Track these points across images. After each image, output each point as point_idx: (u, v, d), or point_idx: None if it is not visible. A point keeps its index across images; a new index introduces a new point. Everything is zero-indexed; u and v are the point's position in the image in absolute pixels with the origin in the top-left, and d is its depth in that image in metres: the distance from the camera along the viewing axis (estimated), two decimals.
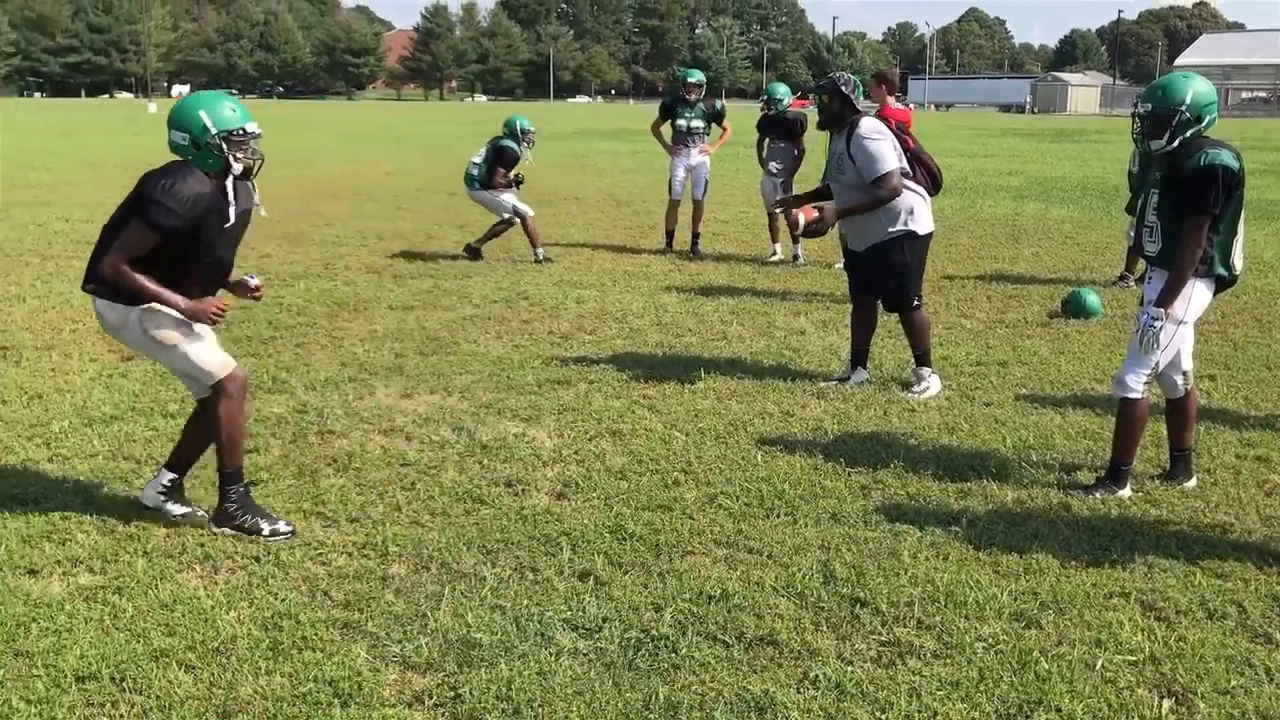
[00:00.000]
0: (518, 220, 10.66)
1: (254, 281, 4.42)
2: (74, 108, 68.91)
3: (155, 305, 4.03)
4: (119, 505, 4.45)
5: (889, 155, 5.97)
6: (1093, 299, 8.43)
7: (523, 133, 10.75)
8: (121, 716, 3.02)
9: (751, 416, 5.77)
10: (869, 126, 6.06)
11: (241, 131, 4.07)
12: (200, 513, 4.39)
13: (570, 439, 5.40)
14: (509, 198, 10.66)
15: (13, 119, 45.85)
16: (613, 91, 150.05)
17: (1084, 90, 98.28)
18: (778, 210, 9.44)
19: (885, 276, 6.23)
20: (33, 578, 3.82)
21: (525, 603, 3.68)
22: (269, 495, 4.59)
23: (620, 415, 5.74)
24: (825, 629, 3.55)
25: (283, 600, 3.66)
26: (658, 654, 3.36)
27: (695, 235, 11.32)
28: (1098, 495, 4.67)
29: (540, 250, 10.72)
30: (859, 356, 6.52)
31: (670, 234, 11.45)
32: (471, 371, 6.60)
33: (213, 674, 3.21)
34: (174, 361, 4.26)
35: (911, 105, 62.50)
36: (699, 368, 6.63)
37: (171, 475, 4.36)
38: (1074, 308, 8.38)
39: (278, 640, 3.40)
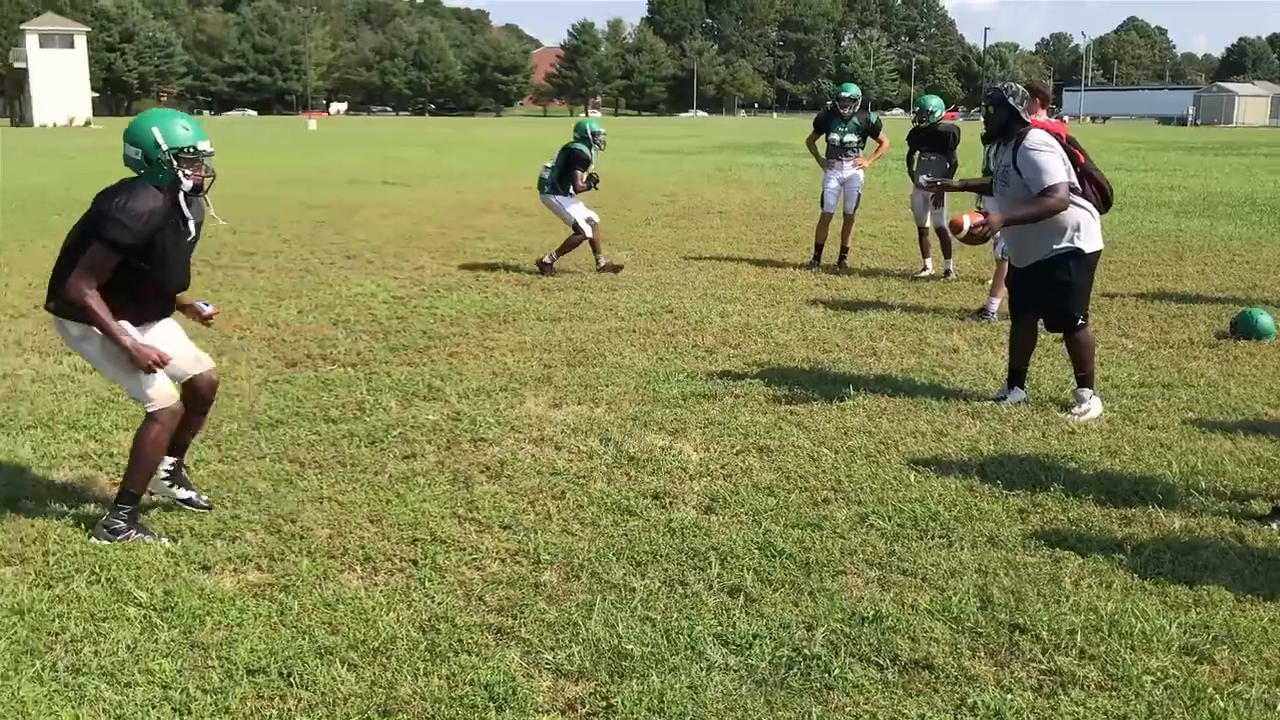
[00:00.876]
0: (588, 233, 10.76)
1: (207, 310, 4.57)
2: (239, 124, 72.31)
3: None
4: (285, 507, 4.62)
5: (1057, 168, 5.79)
6: (1265, 320, 8.02)
7: (593, 135, 10.95)
8: (289, 710, 3.13)
9: (903, 435, 5.66)
10: (1037, 138, 5.89)
11: (192, 149, 4.15)
12: (203, 500, 4.58)
13: (716, 453, 5.39)
14: (577, 209, 10.79)
15: None
16: (756, 105, 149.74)
17: (1253, 101, 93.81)
18: (931, 194, 9.28)
19: (1049, 294, 6.03)
20: (206, 573, 4.00)
21: (675, 616, 3.68)
22: (425, 500, 4.71)
23: (767, 431, 5.71)
24: (983, 655, 3.45)
25: (439, 603, 3.75)
26: (810, 674, 3.32)
27: (844, 249, 11.20)
28: (1274, 526, 4.43)
29: (603, 257, 10.88)
30: (1016, 376, 6.34)
31: (819, 248, 11.35)
32: (618, 383, 6.65)
33: (374, 673, 3.31)
34: (120, 380, 4.37)
35: (1065, 118, 60.58)
36: (847, 384, 6.55)
37: (171, 459, 4.51)
38: (1245, 328, 7.98)
39: (435, 642, 3.48)
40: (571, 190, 10.81)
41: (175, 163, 4.12)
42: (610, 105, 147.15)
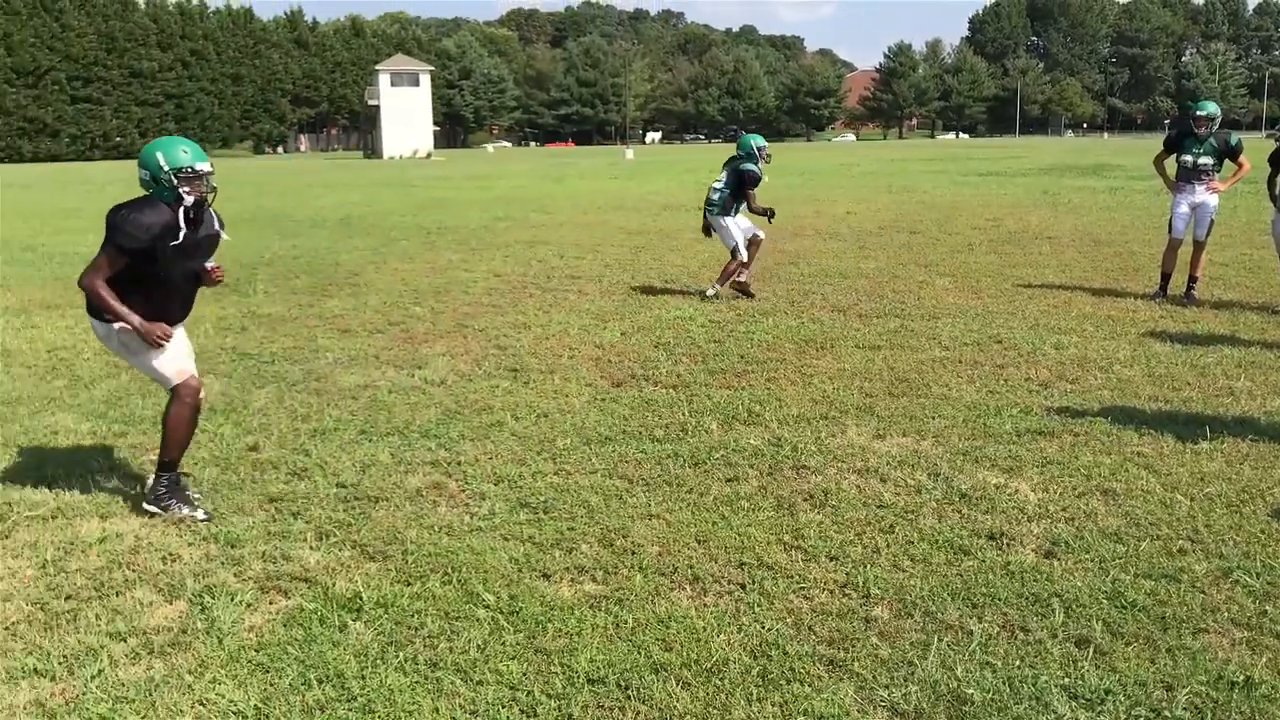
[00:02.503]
0: (744, 257, 10.71)
1: (210, 264, 5.14)
2: (563, 154, 76.15)
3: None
4: (617, 521, 4.77)
5: None
6: None
7: (759, 149, 10.72)
8: None
9: (1270, 484, 5.14)
10: None
11: (190, 170, 4.73)
12: (201, 513, 4.92)
13: (1056, 494, 5.09)
14: (739, 232, 10.68)
15: (513, 165, 51.51)
16: (1084, 126, 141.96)
17: None
18: None
19: None
20: (546, 581, 4.19)
21: (1017, 663, 3.49)
22: (750, 525, 4.72)
23: (1112, 472, 5.34)
24: None
25: (769, 630, 3.74)
26: None
27: (1192, 279, 10.35)
28: None
29: (716, 288, 10.83)
30: None
31: (1166, 277, 10.54)
32: (944, 416, 6.43)
33: (707, 694, 3.34)
34: (140, 365, 5.05)
35: None
36: (1201, 425, 6.02)
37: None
38: None
39: (766, 669, 3.47)
40: (745, 208, 10.74)
41: (176, 181, 4.73)
42: (926, 127, 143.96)
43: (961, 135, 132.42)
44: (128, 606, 4.01)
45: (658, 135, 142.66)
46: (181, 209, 4.80)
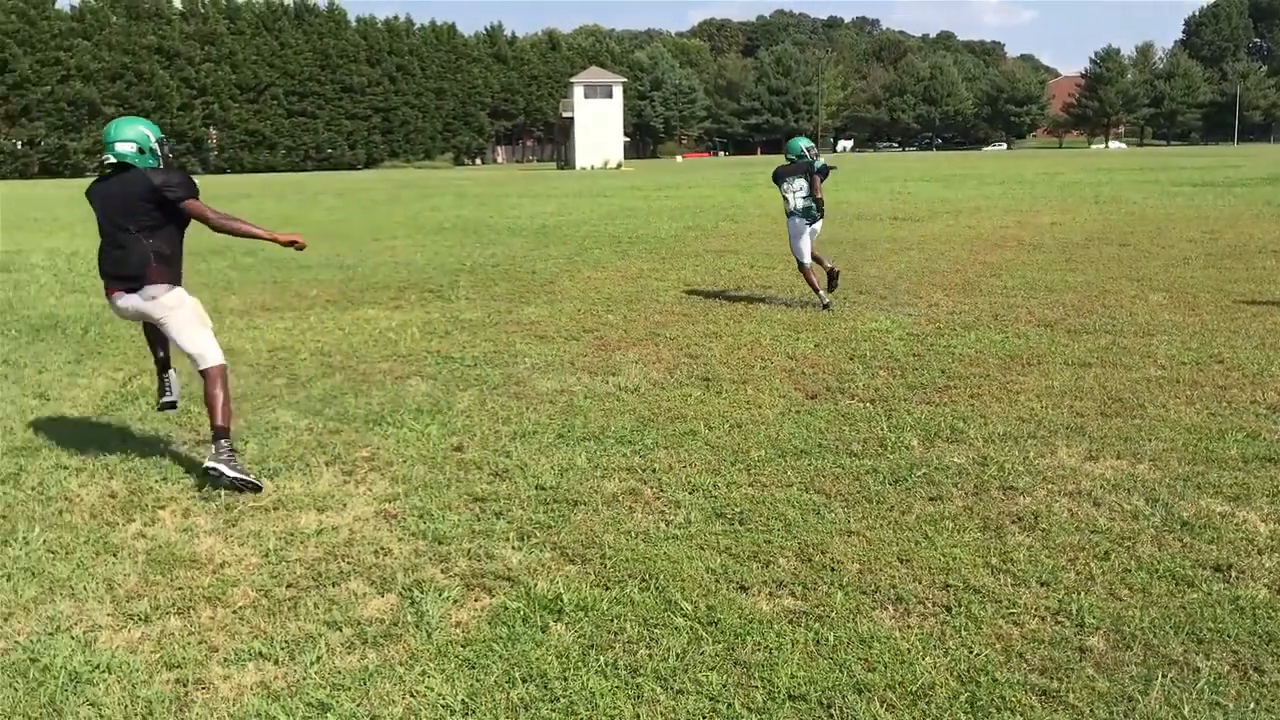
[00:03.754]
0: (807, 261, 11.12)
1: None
2: (749, 164, 76.02)
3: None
4: (814, 536, 4.70)
5: None
6: None
7: (808, 149, 11.26)
8: None
9: None
10: None
11: (166, 139, 5.61)
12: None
13: None
14: (805, 243, 11.09)
15: (701, 174, 51.74)
16: None
17: None
18: None
19: None
20: (744, 593, 4.16)
21: (1251, 705, 3.26)
22: (954, 546, 4.57)
23: None
24: None
25: (977, 655, 3.61)
26: None
27: None
28: None
29: (824, 295, 11.05)
30: None
31: None
32: (1162, 438, 6.08)
33: (913, 717, 3.24)
34: (189, 338, 5.67)
35: None
36: None
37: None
38: None
39: (975, 695, 3.34)
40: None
41: (158, 149, 5.53)
42: (1134, 135, 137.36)
43: (1115, 145, 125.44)
44: (343, 597, 4.20)
45: (849, 143, 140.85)
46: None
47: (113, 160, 5.49)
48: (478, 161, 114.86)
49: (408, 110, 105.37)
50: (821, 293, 11.04)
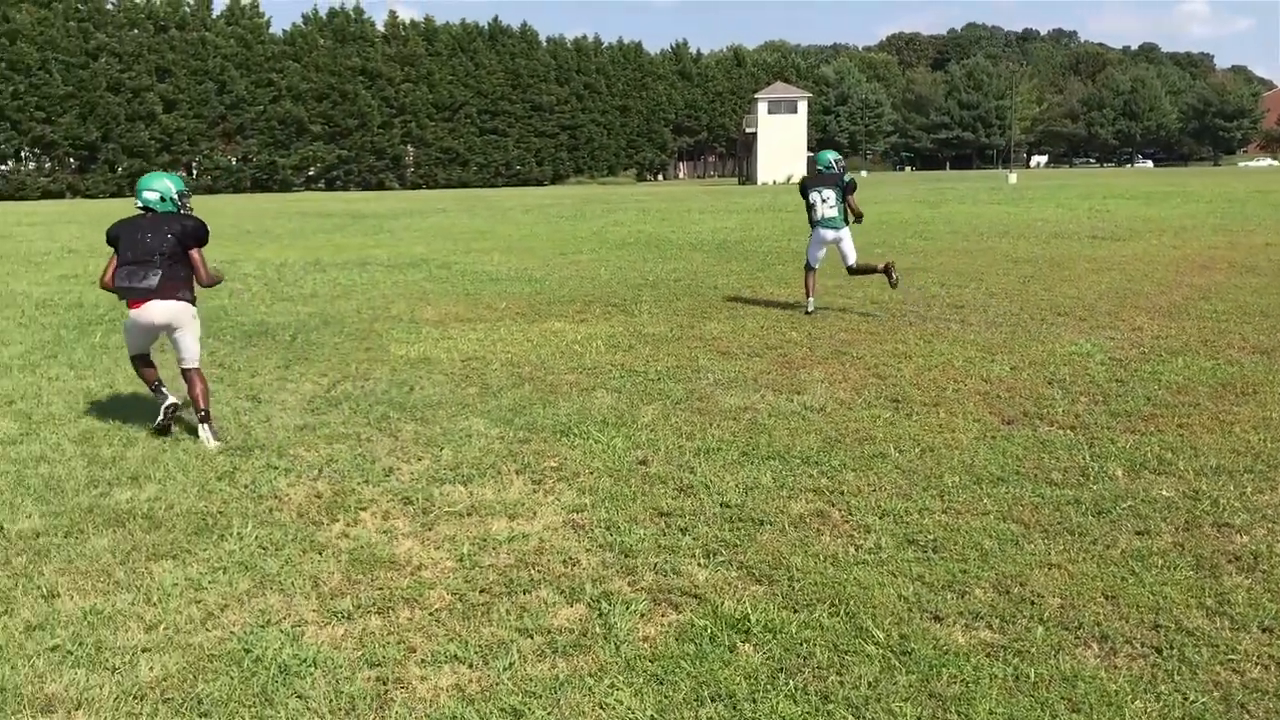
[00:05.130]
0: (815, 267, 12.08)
1: None
2: (936, 179, 74.26)
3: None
4: (1012, 568, 4.52)
5: None
6: None
7: (836, 161, 11.97)
8: None
9: None
10: None
11: (186, 193, 7.07)
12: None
13: None
14: (820, 251, 12.03)
15: (887, 190, 50.84)
16: None
17: None
18: None
19: None
20: (938, 624, 4.03)
21: None
22: (1164, 584, 4.31)
23: None
24: None
25: (1192, 702, 3.39)
26: None
27: None
28: None
29: (895, 275, 11.96)
30: None
31: None
32: None
33: None
34: (190, 341, 6.95)
35: None
36: None
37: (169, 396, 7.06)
38: None
39: None
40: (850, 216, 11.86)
41: (180, 200, 6.96)
42: None
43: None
44: (534, 605, 4.27)
45: (1043, 159, 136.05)
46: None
47: (140, 205, 6.93)
48: (659, 178, 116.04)
49: (593, 127, 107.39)
50: (811, 300, 12.01)
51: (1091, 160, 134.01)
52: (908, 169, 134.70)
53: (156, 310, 6.78)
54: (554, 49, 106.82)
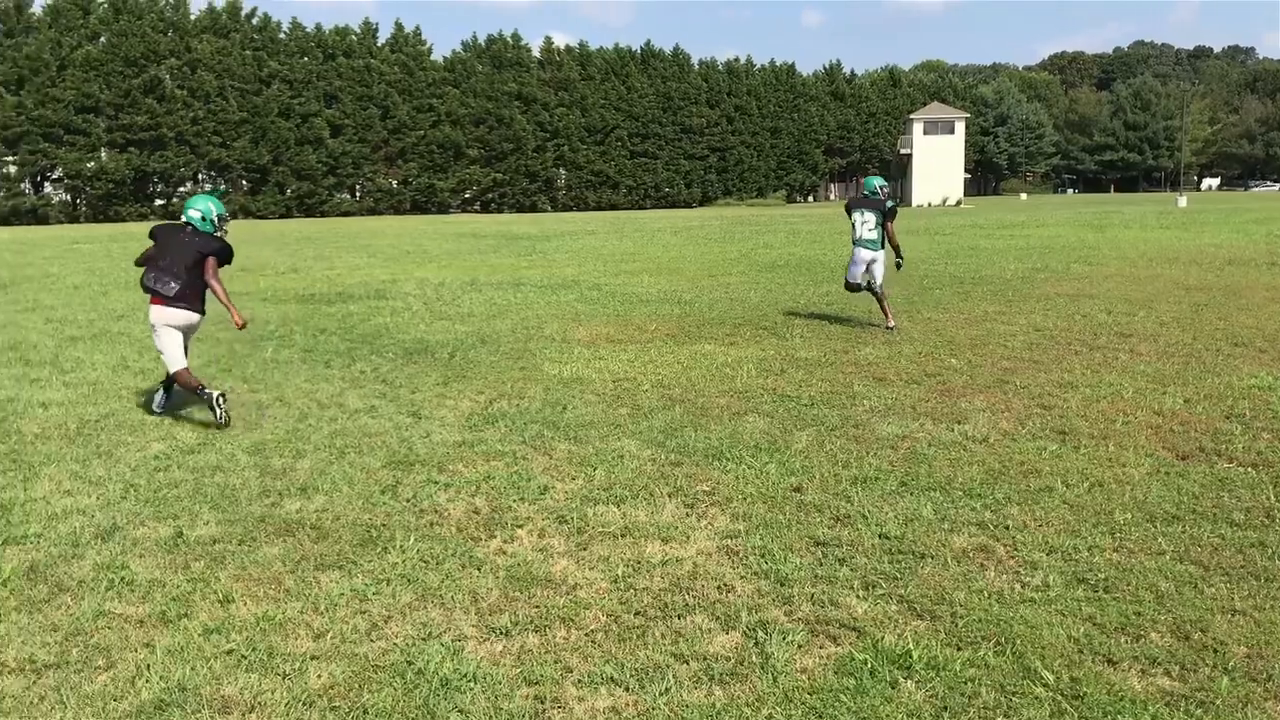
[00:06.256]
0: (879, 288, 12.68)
1: None
2: (1101, 202, 71.62)
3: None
4: (1192, 612, 4.28)
5: None
6: None
7: (880, 189, 12.70)
8: None
9: None
10: None
11: (225, 216, 8.23)
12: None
13: None
14: (858, 269, 12.69)
15: (1048, 213, 49.29)
16: None
17: None
18: None
19: None
20: (1111, 667, 3.85)
21: None
22: None
23: None
24: None
25: None
26: None
27: None
28: None
29: (893, 323, 12.52)
30: None
31: None
32: None
33: None
34: (186, 344, 8.12)
35: None
36: None
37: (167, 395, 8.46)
38: None
39: None
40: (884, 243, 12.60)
41: (218, 222, 8.13)
42: None
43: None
44: (689, 630, 4.25)
45: (1215, 181, 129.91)
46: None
47: (185, 220, 8.08)
48: (809, 199, 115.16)
49: (743, 149, 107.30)
50: (891, 319, 12.54)
51: (1270, 183, 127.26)
52: (1069, 191, 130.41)
53: (171, 314, 7.96)
54: (706, 71, 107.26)
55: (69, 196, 74.49)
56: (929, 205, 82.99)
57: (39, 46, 71.62)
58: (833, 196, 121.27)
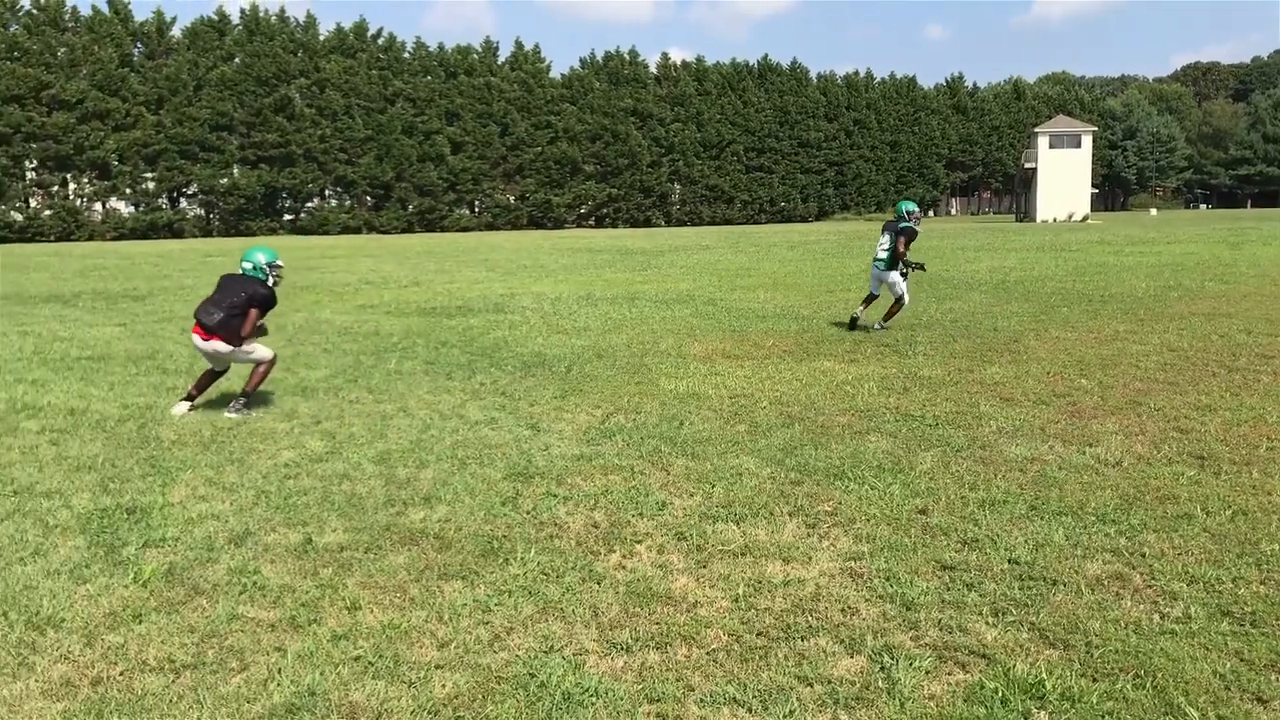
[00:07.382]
0: (906, 301, 14.03)
1: None
2: (1236, 218, 68.81)
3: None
4: None
5: None
6: None
7: (909, 214, 13.88)
8: None
9: None
10: None
11: (277, 264, 9.14)
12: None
13: None
14: (904, 283, 13.84)
15: (1179, 229, 47.57)
16: None
17: None
18: None
19: None
20: (1261, 706, 3.65)
21: None
22: None
23: None
24: None
25: None
26: None
27: None
28: None
29: (883, 324, 13.97)
30: None
31: None
32: None
33: None
34: (241, 358, 9.09)
35: None
36: None
37: (190, 404, 9.18)
38: None
39: None
40: (900, 267, 13.76)
41: (268, 270, 9.07)
42: None
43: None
44: (812, 652, 4.17)
45: None
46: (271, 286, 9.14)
47: (241, 269, 9.10)
48: (931, 214, 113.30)
49: (861, 163, 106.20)
50: (861, 309, 14.32)
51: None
52: (1202, 206, 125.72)
53: (202, 343, 8.96)
54: (824, 85, 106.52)
55: (203, 211, 77.68)
56: (1054, 220, 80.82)
57: (177, 68, 74.92)
58: (954, 211, 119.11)
